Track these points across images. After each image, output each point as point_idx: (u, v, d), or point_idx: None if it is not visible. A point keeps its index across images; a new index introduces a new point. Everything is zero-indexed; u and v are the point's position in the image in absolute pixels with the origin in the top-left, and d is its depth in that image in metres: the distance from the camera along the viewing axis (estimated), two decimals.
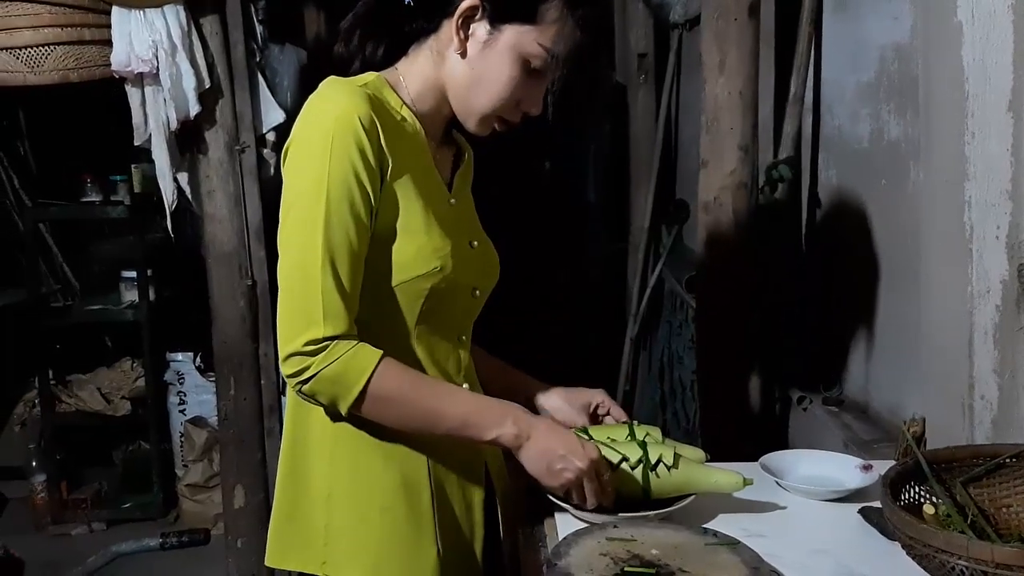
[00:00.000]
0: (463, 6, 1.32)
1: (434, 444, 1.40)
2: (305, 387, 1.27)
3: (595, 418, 1.61)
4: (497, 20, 1.32)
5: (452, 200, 1.46)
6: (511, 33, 1.31)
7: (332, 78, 1.34)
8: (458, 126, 1.45)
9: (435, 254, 1.35)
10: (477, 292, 1.48)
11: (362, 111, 1.27)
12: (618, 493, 1.44)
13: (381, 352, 1.28)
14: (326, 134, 1.26)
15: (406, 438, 1.38)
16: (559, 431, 1.39)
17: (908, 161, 2.11)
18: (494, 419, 1.35)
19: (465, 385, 1.47)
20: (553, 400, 1.61)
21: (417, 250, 1.34)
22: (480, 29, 1.33)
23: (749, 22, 2.44)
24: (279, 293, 1.30)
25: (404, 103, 1.38)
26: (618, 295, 4.21)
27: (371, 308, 1.33)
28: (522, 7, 1.31)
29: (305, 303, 1.25)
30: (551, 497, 1.43)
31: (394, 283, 1.34)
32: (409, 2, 1.36)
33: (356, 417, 1.33)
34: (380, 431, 1.36)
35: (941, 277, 1.80)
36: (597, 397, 1.61)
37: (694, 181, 2.55)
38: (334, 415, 1.35)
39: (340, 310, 1.26)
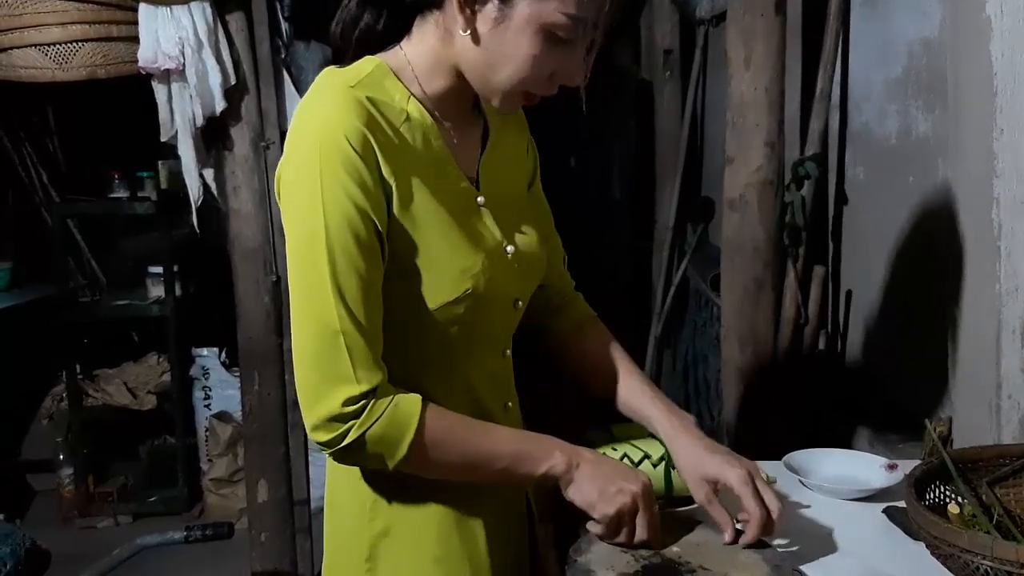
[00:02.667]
0: None
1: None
2: (348, 455, 1.15)
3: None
4: None
5: (480, 199, 1.28)
6: (526, 6, 1.11)
7: (326, 75, 1.19)
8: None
9: (464, 276, 1.21)
10: (519, 303, 1.34)
11: (351, 127, 1.11)
12: None
13: (419, 398, 1.17)
14: (313, 166, 1.11)
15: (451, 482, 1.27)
16: (606, 458, 1.31)
17: (936, 158, 2.09)
18: (543, 452, 1.24)
19: (509, 403, 1.38)
20: (683, 455, 1.37)
21: (440, 277, 1.20)
22: (488, 5, 1.13)
23: (776, 18, 2.42)
24: (294, 351, 1.15)
25: (411, 93, 1.21)
26: (642, 293, 4.20)
27: (404, 340, 1.21)
28: None
29: (330, 358, 1.11)
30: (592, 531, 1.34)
31: (423, 314, 1.20)
32: None
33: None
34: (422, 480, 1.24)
35: (969, 275, 1.79)
36: (732, 479, 1.31)
37: (720, 179, 2.54)
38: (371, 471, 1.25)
39: (369, 359, 1.13)
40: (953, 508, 1.27)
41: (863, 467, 1.66)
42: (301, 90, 2.93)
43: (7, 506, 3.95)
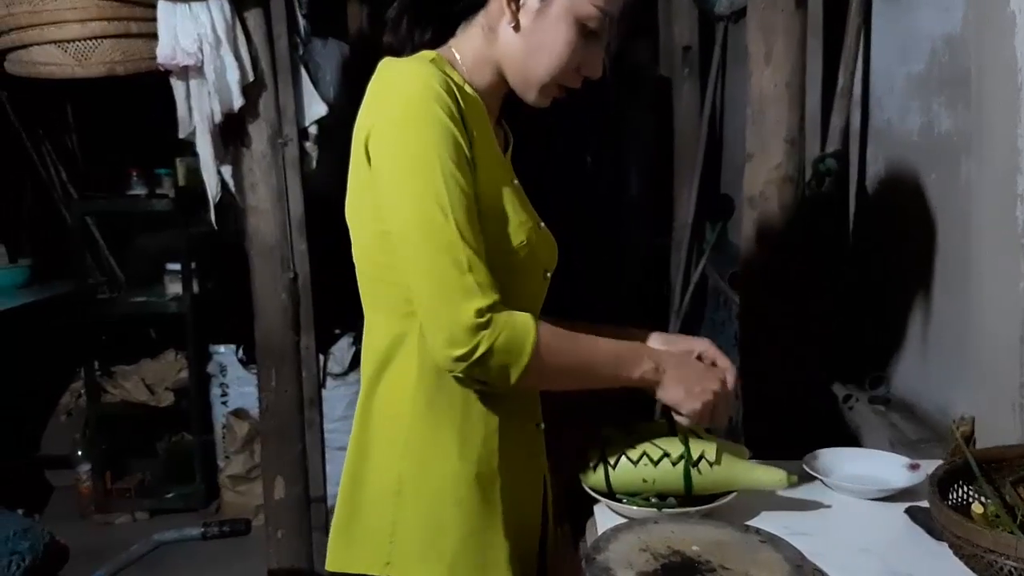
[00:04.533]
0: None
1: (504, 434, 1.37)
2: (478, 368, 1.22)
3: None
4: None
5: (515, 181, 1.42)
6: None
7: (390, 59, 1.31)
8: (515, 102, 1.41)
9: (522, 227, 1.33)
10: (548, 274, 1.45)
11: (438, 78, 1.23)
12: (659, 489, 1.43)
13: (528, 313, 1.26)
14: (412, 106, 1.21)
15: (481, 429, 1.35)
16: (690, 360, 1.44)
17: (959, 155, 2.07)
18: (636, 358, 1.36)
19: None
20: (654, 343, 1.54)
21: (508, 223, 1.31)
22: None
23: (796, 12, 2.40)
24: (416, 277, 1.23)
25: (465, 79, 1.33)
26: (661, 291, 4.18)
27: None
28: None
29: (455, 275, 1.20)
30: (590, 491, 1.45)
31: (507, 245, 1.31)
32: None
33: (434, 408, 1.32)
34: (457, 422, 1.33)
35: (992, 273, 1.76)
36: (700, 345, 1.53)
37: (739, 176, 2.52)
38: (409, 408, 1.33)
39: (487, 273, 1.22)
40: (977, 508, 1.26)
41: (885, 467, 1.64)
42: (319, 87, 2.93)
43: (26, 501, 3.98)
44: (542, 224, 1.43)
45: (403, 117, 1.22)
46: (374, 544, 1.34)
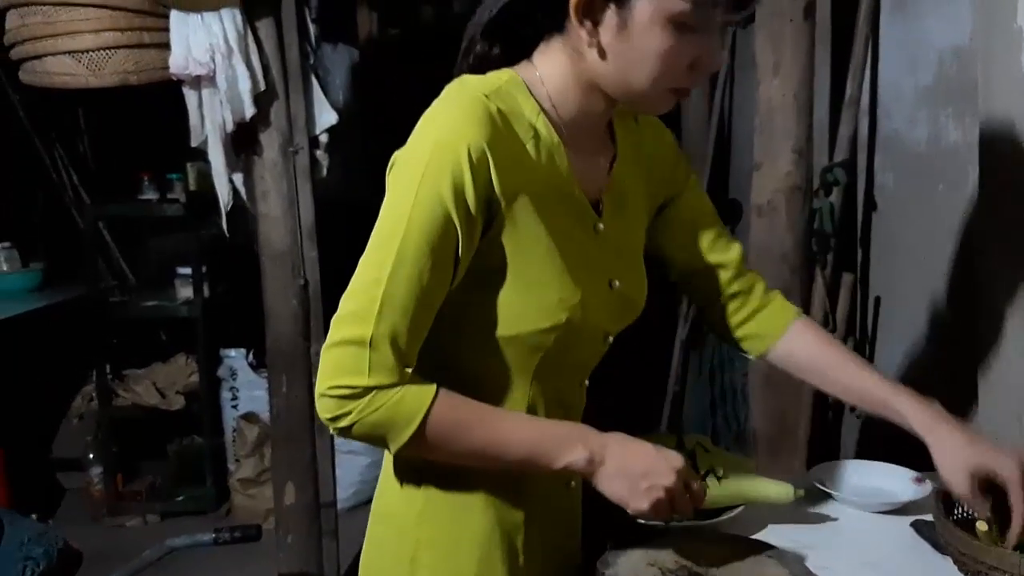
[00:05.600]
0: None
1: (532, 486, 1.27)
2: (343, 434, 1.13)
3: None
4: None
5: (600, 226, 1.25)
6: (645, 4, 1.09)
7: (460, 82, 1.18)
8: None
9: (561, 306, 1.18)
10: (609, 337, 1.31)
11: (473, 139, 1.09)
12: None
13: (433, 390, 1.13)
14: (420, 161, 1.10)
15: (507, 483, 1.25)
16: (634, 446, 1.19)
17: (966, 166, 2.08)
18: (562, 445, 1.16)
19: None
20: (945, 447, 1.31)
21: (536, 303, 1.17)
22: (607, 14, 1.11)
23: (804, 23, 2.41)
24: (332, 322, 1.14)
25: (541, 108, 1.18)
26: (669, 296, 4.18)
27: (475, 357, 1.20)
28: None
29: (354, 347, 1.10)
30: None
31: (503, 334, 1.18)
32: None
33: (453, 472, 1.22)
34: (480, 475, 1.23)
35: (997, 286, 1.78)
36: (1006, 469, 1.26)
37: (747, 182, 2.53)
38: (422, 467, 1.24)
39: (390, 364, 1.10)
40: (981, 525, 1.27)
41: (891, 479, 1.66)
42: (328, 91, 2.95)
43: (38, 503, 4.01)
44: (616, 282, 1.27)
45: (401, 171, 1.13)
46: None
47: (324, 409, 1.12)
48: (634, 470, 1.16)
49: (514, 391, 1.22)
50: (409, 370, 1.12)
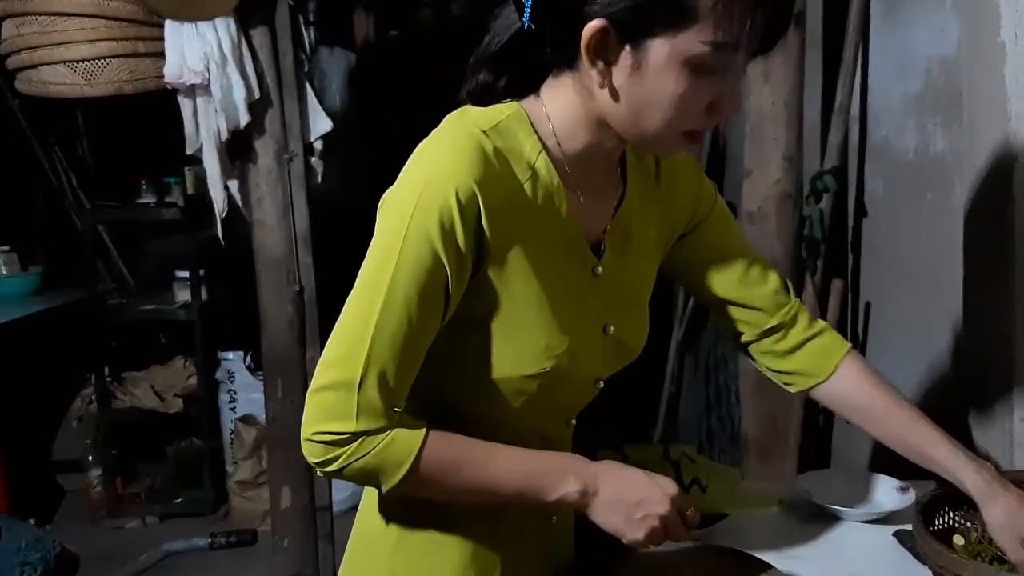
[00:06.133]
0: (586, 35, 1.03)
1: (509, 521, 1.24)
2: (332, 476, 1.10)
3: None
4: (638, 37, 1.03)
5: (599, 269, 1.21)
6: (661, 46, 1.03)
7: (460, 113, 1.15)
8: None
9: (547, 353, 1.15)
10: (599, 382, 1.28)
11: (462, 180, 1.05)
12: None
13: (422, 433, 1.10)
14: (409, 202, 1.06)
15: (483, 519, 1.22)
16: (626, 475, 1.16)
17: (953, 176, 2.10)
18: (554, 478, 1.14)
19: None
20: (997, 512, 1.30)
21: (522, 349, 1.14)
22: (620, 54, 1.05)
23: (795, 31, 2.42)
24: (319, 366, 1.10)
25: (544, 146, 1.14)
26: (664, 298, 4.20)
27: (458, 395, 1.18)
28: (664, 13, 1.02)
29: (341, 391, 1.07)
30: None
31: (486, 377, 1.15)
32: (529, 26, 1.08)
33: (423, 509, 1.19)
34: (456, 510, 1.21)
35: (985, 296, 1.79)
36: None
37: (741, 185, 2.55)
38: (397, 501, 1.21)
39: (378, 408, 1.07)
40: (958, 539, 1.29)
41: (876, 488, 1.67)
42: (325, 96, 2.96)
43: (38, 505, 4.04)
44: (611, 328, 1.24)
45: (391, 211, 1.09)
46: None
47: (310, 453, 1.09)
48: (628, 499, 1.14)
49: (498, 430, 1.17)
50: (398, 411, 1.09)
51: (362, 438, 1.07)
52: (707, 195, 1.38)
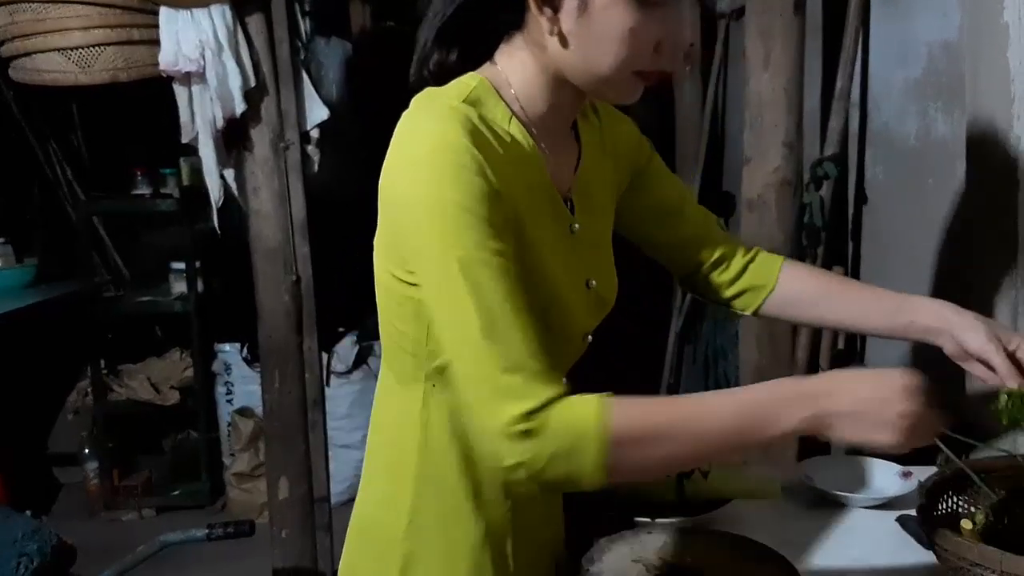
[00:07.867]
0: None
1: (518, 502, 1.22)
2: (535, 485, 1.00)
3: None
4: None
5: (575, 226, 1.21)
6: None
7: (425, 95, 1.11)
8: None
9: (542, 311, 1.10)
10: (588, 337, 1.27)
11: (464, 140, 1.04)
12: (651, 499, 1.44)
13: (596, 396, 1.00)
14: (426, 170, 1.03)
15: (494, 487, 1.19)
16: (855, 379, 1.07)
17: (955, 160, 2.08)
18: (773, 412, 1.03)
19: None
20: (966, 326, 1.36)
21: (541, 285, 1.12)
22: (567, 0, 1.07)
23: (795, 17, 2.41)
24: (448, 353, 1.03)
25: (512, 113, 1.14)
26: (663, 288, 4.19)
27: None
28: None
29: (487, 370, 0.99)
30: None
31: None
32: None
33: (438, 484, 1.18)
34: (467, 481, 1.19)
35: (988, 282, 1.78)
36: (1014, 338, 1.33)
37: (740, 176, 2.53)
38: (412, 487, 1.19)
39: (534, 359, 0.99)
40: (966, 523, 1.27)
41: (878, 474, 1.66)
42: (321, 85, 2.94)
43: (35, 498, 4.02)
44: (592, 282, 1.24)
45: (410, 173, 1.05)
46: None
47: (508, 454, 0.98)
48: (871, 405, 1.04)
49: None
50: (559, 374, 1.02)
51: (542, 416, 0.97)
52: (645, 147, 1.43)
